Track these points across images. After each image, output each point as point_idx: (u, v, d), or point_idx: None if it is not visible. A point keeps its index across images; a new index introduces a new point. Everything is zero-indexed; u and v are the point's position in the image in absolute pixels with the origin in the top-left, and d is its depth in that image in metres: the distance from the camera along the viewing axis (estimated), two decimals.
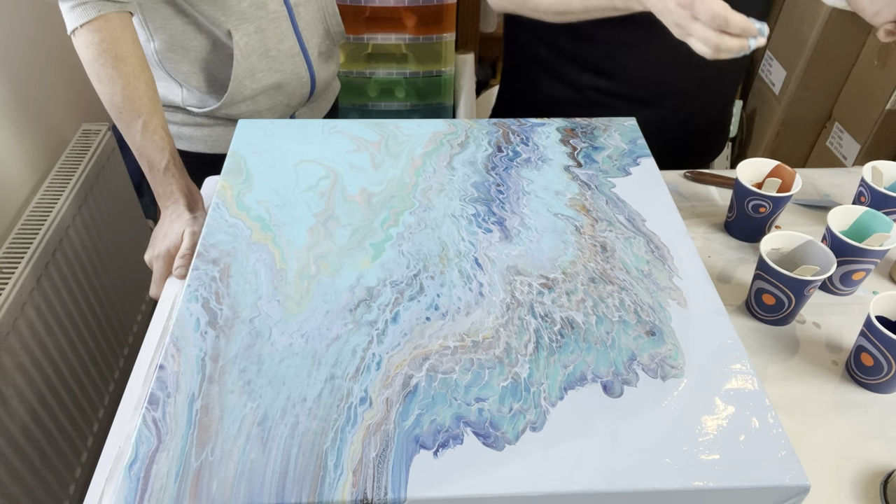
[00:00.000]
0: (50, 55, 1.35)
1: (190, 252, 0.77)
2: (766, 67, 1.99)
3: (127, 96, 0.80)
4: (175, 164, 0.83)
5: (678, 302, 0.60)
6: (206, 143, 1.03)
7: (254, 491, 0.45)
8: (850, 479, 0.62)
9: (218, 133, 1.02)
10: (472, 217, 0.68)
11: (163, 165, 0.82)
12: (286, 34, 0.97)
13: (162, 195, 0.84)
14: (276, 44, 0.96)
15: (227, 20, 0.90)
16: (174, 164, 0.83)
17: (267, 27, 0.94)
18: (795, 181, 0.84)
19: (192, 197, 0.83)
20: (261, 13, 0.92)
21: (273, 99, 1.01)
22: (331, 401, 0.51)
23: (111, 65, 0.79)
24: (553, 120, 0.83)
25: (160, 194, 0.84)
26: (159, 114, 0.83)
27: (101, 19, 0.78)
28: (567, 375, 0.53)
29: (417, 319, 0.57)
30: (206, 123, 1.01)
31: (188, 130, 1.02)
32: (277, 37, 0.96)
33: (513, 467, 0.47)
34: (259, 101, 1.00)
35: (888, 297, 0.69)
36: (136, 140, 0.82)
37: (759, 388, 0.53)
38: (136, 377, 0.66)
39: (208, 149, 1.03)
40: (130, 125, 0.81)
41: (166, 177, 0.82)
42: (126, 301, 1.45)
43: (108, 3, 0.79)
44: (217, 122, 1.01)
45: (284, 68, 0.98)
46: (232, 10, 0.90)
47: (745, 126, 2.12)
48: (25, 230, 1.14)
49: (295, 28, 0.98)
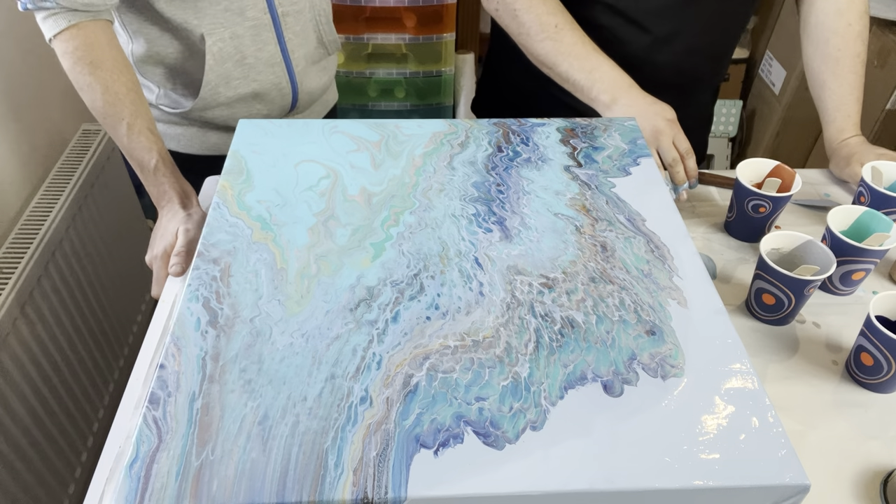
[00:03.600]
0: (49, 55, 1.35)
1: (184, 249, 0.78)
2: (766, 67, 1.99)
3: (108, 101, 0.80)
4: (164, 164, 0.83)
5: (678, 301, 0.60)
6: (178, 141, 1.03)
7: (254, 490, 0.45)
8: (850, 478, 0.62)
9: (191, 134, 1.02)
10: (473, 217, 0.68)
11: (152, 165, 0.82)
12: (267, 42, 0.95)
13: (155, 195, 0.84)
14: (255, 52, 0.95)
15: (200, 24, 0.89)
16: (163, 163, 0.83)
17: (244, 34, 0.92)
18: (795, 181, 0.84)
19: (185, 194, 0.84)
20: (237, 19, 0.91)
21: (250, 107, 1.00)
22: (331, 400, 0.51)
23: (87, 71, 0.79)
24: (553, 120, 0.83)
25: (153, 195, 0.85)
26: (144, 115, 0.83)
27: (73, 28, 0.78)
28: (567, 375, 0.53)
29: (418, 319, 0.57)
30: (180, 123, 1.01)
31: (161, 127, 1.01)
32: (256, 45, 0.94)
33: (513, 467, 0.47)
34: (235, 108, 0.99)
35: (888, 296, 0.69)
36: (124, 142, 0.82)
37: (759, 387, 0.53)
38: (137, 377, 0.67)
39: (181, 148, 1.03)
40: (116, 128, 0.81)
41: (157, 177, 0.83)
42: (126, 301, 1.45)
43: (80, 12, 0.79)
44: (191, 124, 1.01)
45: (262, 77, 0.97)
46: (205, 13, 0.88)
47: (745, 126, 2.12)
48: (25, 230, 1.14)
49: (279, 37, 0.96)
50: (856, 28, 0.94)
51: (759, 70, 2.03)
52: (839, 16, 0.94)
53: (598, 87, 0.88)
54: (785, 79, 1.88)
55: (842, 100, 0.97)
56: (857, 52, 0.95)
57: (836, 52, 0.95)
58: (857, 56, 0.95)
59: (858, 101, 0.97)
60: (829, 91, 0.98)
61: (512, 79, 1.09)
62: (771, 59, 1.96)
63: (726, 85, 2.08)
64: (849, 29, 0.94)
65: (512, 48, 1.04)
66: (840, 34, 0.95)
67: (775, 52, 1.94)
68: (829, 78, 0.97)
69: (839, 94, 0.97)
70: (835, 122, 0.99)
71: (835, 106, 0.98)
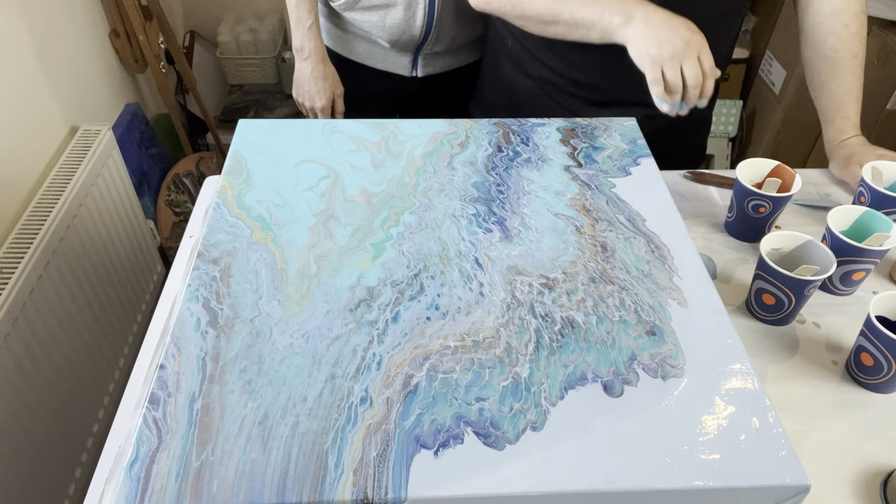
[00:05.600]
0: (50, 55, 1.35)
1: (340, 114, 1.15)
2: (766, 67, 1.99)
3: None
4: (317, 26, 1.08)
5: (678, 302, 0.60)
6: (332, 40, 1.20)
7: (254, 490, 0.45)
8: (850, 478, 0.62)
9: (347, 39, 1.18)
10: (473, 217, 0.68)
11: (308, 24, 1.07)
12: None
13: (298, 49, 1.09)
14: None
15: None
16: (317, 26, 1.07)
17: None
18: (795, 181, 0.84)
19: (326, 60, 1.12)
20: None
21: (392, 19, 1.08)
22: (331, 400, 0.51)
23: None
24: (553, 120, 0.83)
25: (297, 48, 1.09)
26: None
27: None
28: (567, 375, 0.53)
29: (418, 319, 0.57)
30: (336, 24, 1.17)
31: (327, 25, 1.19)
32: None
33: (513, 467, 0.47)
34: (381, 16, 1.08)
35: (888, 297, 0.69)
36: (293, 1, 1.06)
37: (759, 387, 0.53)
38: (137, 377, 0.66)
39: (333, 46, 1.20)
40: None
41: (309, 33, 1.07)
42: (126, 301, 1.45)
43: None
44: (347, 31, 1.16)
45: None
46: None
47: (745, 126, 2.12)
48: (25, 230, 1.14)
49: None
50: (852, 28, 0.94)
51: (759, 70, 2.03)
52: (835, 17, 0.94)
53: (608, 13, 0.81)
54: (785, 79, 1.88)
55: (840, 100, 0.97)
56: (854, 53, 0.95)
57: (833, 53, 0.95)
58: (854, 56, 0.95)
59: (857, 101, 0.97)
60: (828, 92, 0.98)
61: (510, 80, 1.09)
62: (771, 59, 1.96)
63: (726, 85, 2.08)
64: (845, 29, 0.94)
65: (510, 50, 1.04)
66: (837, 35, 0.95)
67: (775, 52, 1.94)
68: (827, 79, 0.97)
69: (837, 95, 0.97)
70: (834, 122, 0.99)
71: (833, 107, 0.98)
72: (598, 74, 0.97)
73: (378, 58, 1.15)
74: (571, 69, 0.98)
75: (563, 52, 0.97)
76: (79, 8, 1.48)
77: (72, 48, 1.44)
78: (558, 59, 0.98)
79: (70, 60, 1.43)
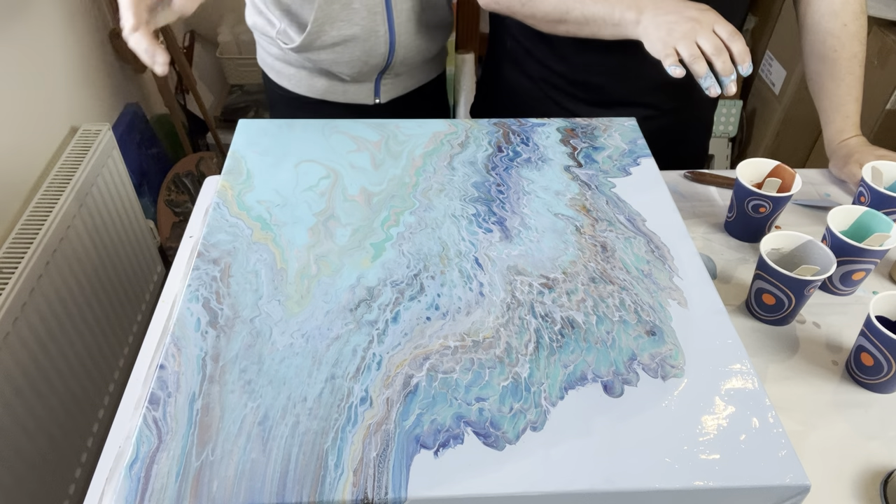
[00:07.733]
0: (50, 55, 1.35)
1: None
2: (766, 67, 1.99)
3: None
4: None
5: (678, 302, 0.60)
6: (290, 81, 1.12)
7: (254, 490, 0.45)
8: (850, 479, 0.62)
9: (301, 76, 1.10)
10: (473, 217, 0.68)
11: None
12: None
13: None
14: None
15: None
16: None
17: None
18: (795, 181, 0.84)
19: None
20: None
21: (352, 52, 1.04)
22: (331, 400, 0.51)
23: None
24: (553, 120, 0.83)
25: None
26: None
27: None
28: (567, 375, 0.53)
29: (418, 319, 0.57)
30: (293, 64, 1.09)
31: (277, 65, 1.11)
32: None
33: (513, 467, 0.47)
34: (339, 52, 1.03)
35: (888, 297, 0.69)
36: None
37: (759, 387, 0.53)
38: (137, 377, 0.66)
39: (292, 87, 1.12)
40: None
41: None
42: (126, 301, 1.45)
43: None
44: (302, 66, 1.09)
45: (364, 22, 1.01)
46: None
47: (745, 126, 2.12)
48: (25, 230, 1.14)
49: None
50: (851, 28, 0.94)
51: (759, 70, 2.03)
52: (834, 17, 0.94)
53: (619, 8, 0.81)
54: (785, 79, 1.88)
55: (840, 101, 0.97)
56: (853, 53, 0.95)
57: (832, 54, 0.95)
58: (853, 57, 0.95)
59: (857, 101, 0.97)
60: (827, 92, 0.98)
61: (510, 82, 1.09)
62: (771, 59, 1.96)
63: None
64: (844, 29, 0.94)
65: (510, 51, 1.04)
66: (836, 35, 0.95)
67: (775, 52, 1.94)
68: (826, 79, 0.97)
69: (837, 95, 0.97)
70: (833, 122, 0.99)
71: (833, 107, 0.98)
72: (598, 74, 0.97)
73: (338, 91, 1.11)
74: (571, 69, 0.98)
75: (562, 52, 0.97)
76: (79, 8, 1.48)
77: (72, 48, 1.44)
78: (558, 60, 0.98)
79: (70, 60, 1.43)
